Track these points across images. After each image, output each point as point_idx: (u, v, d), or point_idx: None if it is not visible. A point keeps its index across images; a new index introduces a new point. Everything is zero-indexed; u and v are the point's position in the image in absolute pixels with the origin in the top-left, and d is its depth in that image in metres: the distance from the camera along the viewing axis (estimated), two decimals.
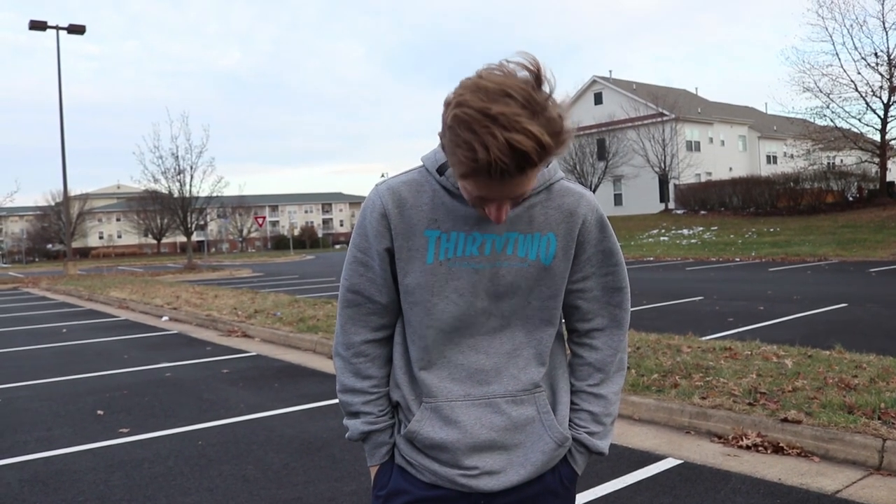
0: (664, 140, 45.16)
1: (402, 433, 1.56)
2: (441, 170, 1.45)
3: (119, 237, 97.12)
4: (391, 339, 1.61)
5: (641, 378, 5.70)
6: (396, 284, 1.54)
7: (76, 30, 28.55)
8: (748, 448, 4.41)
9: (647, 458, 4.40)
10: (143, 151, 53.79)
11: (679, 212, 41.47)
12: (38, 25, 28.03)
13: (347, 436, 1.61)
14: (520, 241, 1.48)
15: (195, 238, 55.35)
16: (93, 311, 15.49)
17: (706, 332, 8.55)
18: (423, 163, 1.52)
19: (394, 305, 1.56)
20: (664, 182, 45.79)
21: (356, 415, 1.59)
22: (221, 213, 74.81)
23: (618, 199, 50.10)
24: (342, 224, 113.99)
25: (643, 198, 47.99)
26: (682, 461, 4.32)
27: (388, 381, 1.61)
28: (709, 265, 21.95)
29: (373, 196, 1.52)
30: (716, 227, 34.28)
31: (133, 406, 6.28)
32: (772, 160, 55.98)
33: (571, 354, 1.66)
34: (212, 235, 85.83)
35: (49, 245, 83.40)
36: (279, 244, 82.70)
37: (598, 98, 52.28)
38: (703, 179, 45.83)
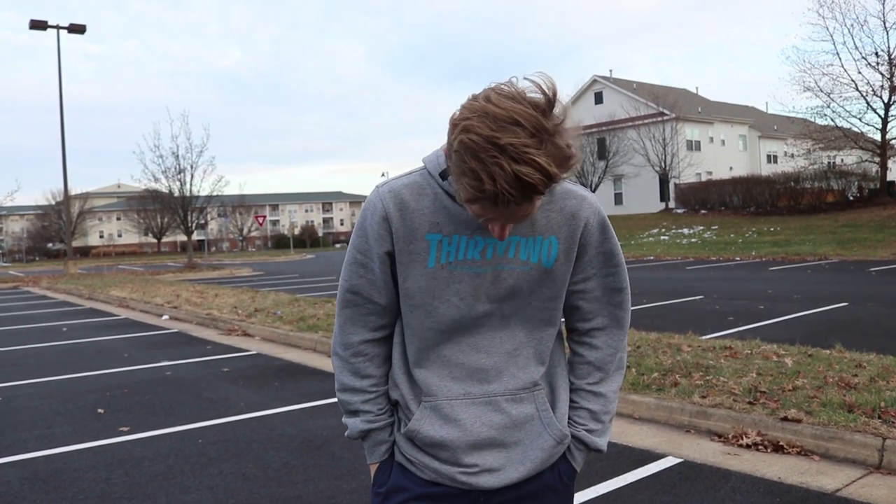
0: (664, 139, 45.16)
1: (402, 432, 1.55)
2: (443, 175, 1.43)
3: (119, 236, 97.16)
4: (390, 339, 1.60)
5: (642, 377, 5.70)
6: (396, 286, 1.53)
7: (76, 29, 28.56)
8: (748, 447, 4.42)
9: (648, 457, 4.40)
10: (144, 150, 54.03)
11: (679, 211, 41.48)
12: (39, 25, 28.04)
13: (347, 434, 1.61)
14: (521, 245, 1.47)
15: (195, 237, 55.40)
16: (93, 310, 15.50)
17: (706, 331, 8.55)
18: (425, 165, 1.49)
19: (393, 306, 1.55)
20: (664, 181, 45.79)
21: (355, 413, 1.59)
22: (222, 213, 74.79)
23: (618, 199, 50.10)
24: (342, 223, 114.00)
25: (643, 197, 47.99)
26: (682, 460, 4.33)
27: (387, 380, 1.60)
28: (709, 264, 21.95)
29: (374, 198, 1.49)
30: (716, 227, 34.29)
31: (133, 404, 6.29)
32: (772, 159, 55.97)
33: (571, 353, 1.66)
34: (212, 234, 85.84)
35: (49, 244, 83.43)
36: (279, 243, 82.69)
37: (599, 97, 52.28)
38: (704, 179, 45.84)
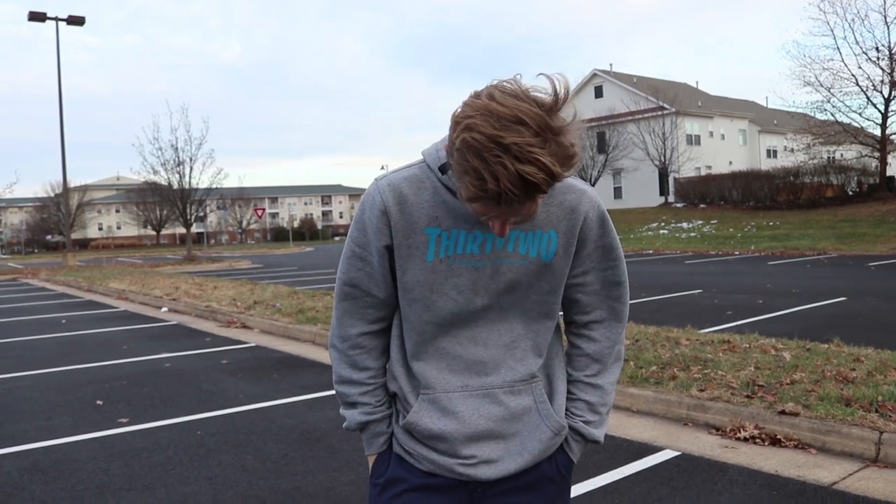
0: (664, 133, 45.10)
1: (401, 424, 1.56)
2: (443, 169, 1.42)
3: (118, 228, 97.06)
4: (388, 331, 1.60)
5: (640, 370, 5.71)
6: (394, 279, 1.52)
7: (75, 21, 28.49)
8: (746, 440, 4.43)
9: (645, 450, 4.42)
10: (143, 143, 53.81)
11: (679, 205, 41.46)
12: (38, 16, 27.95)
13: (345, 426, 1.61)
14: (521, 239, 1.46)
15: (194, 229, 55.40)
16: (92, 302, 15.50)
17: (705, 325, 8.57)
18: (424, 158, 1.48)
19: (391, 299, 1.55)
20: (664, 175, 45.76)
21: (353, 405, 1.59)
22: (221, 205, 74.77)
23: (617, 193, 50.07)
24: (342, 216, 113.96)
25: (643, 191, 47.95)
26: (680, 453, 4.34)
27: (385, 372, 1.60)
28: (708, 259, 21.97)
29: (373, 191, 1.48)
30: (715, 221, 34.28)
31: (132, 396, 6.30)
32: (772, 154, 55.92)
33: (569, 345, 1.66)
34: (211, 227, 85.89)
35: (48, 236, 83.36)
36: (278, 236, 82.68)
37: (599, 91, 52.18)
38: (703, 173, 45.78)
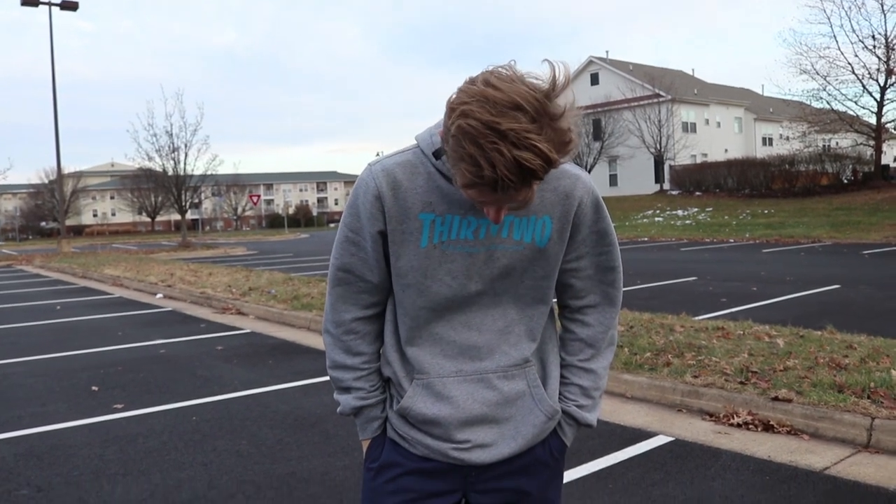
0: (660, 121, 45.08)
1: (395, 409, 1.56)
2: (437, 154, 1.40)
3: (113, 215, 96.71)
4: (381, 316, 1.59)
5: (634, 356, 5.73)
6: (388, 265, 1.52)
7: (69, 6, 28.23)
8: (739, 426, 4.46)
9: (639, 436, 4.44)
10: (138, 129, 53.89)
11: (674, 193, 41.50)
12: (31, 1, 27.71)
13: (339, 410, 1.62)
14: (515, 225, 1.46)
15: (189, 216, 55.29)
16: (87, 289, 15.47)
17: (699, 312, 8.59)
18: (418, 143, 1.47)
19: (385, 284, 1.55)
20: (659, 163, 45.79)
21: (347, 390, 1.59)
22: (216, 192, 74.53)
23: (613, 180, 50.07)
24: (337, 203, 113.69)
25: (638, 178, 47.97)
26: (674, 438, 4.36)
27: (379, 357, 1.61)
28: (703, 246, 22.01)
29: (366, 177, 1.47)
30: (710, 209, 34.33)
31: (127, 382, 6.30)
32: (767, 142, 55.96)
33: (563, 329, 1.66)
34: (206, 213, 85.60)
35: (43, 223, 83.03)
36: (274, 222, 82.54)
37: (595, 78, 52.08)
38: (699, 161, 45.81)
